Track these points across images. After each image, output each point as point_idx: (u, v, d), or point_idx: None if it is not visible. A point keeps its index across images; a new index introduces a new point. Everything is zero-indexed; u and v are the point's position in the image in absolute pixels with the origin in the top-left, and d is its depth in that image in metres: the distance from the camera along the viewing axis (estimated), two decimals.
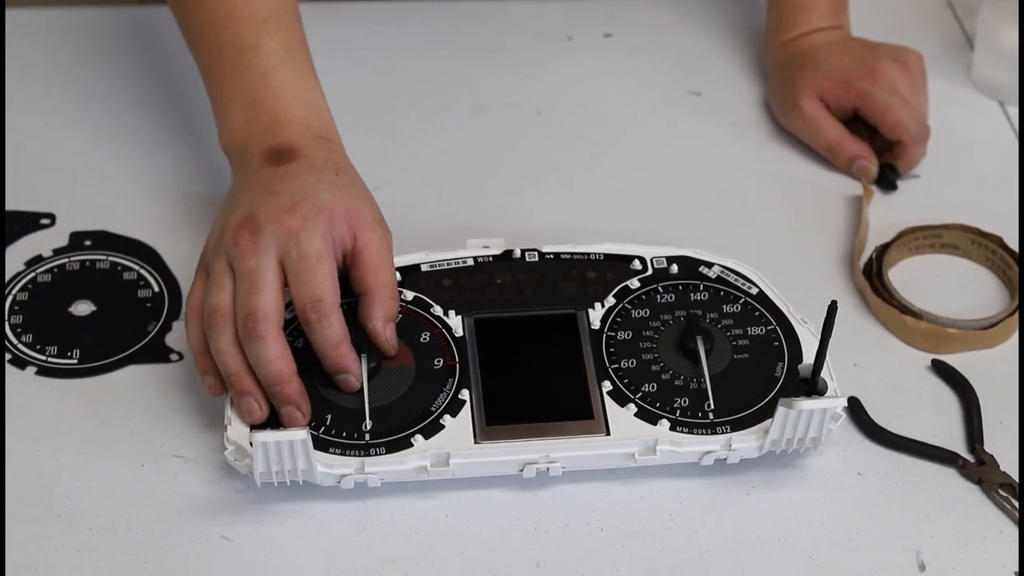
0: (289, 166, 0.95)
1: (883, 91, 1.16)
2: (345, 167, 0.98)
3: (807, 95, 1.18)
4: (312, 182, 0.94)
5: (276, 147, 0.97)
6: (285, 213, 0.91)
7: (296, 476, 0.90)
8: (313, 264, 0.90)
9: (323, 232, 0.92)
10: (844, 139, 1.17)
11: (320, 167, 0.96)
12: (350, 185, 0.96)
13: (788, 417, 0.90)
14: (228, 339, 0.90)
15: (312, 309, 0.90)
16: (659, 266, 1.01)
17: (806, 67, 1.19)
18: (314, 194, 0.93)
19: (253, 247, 0.91)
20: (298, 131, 0.98)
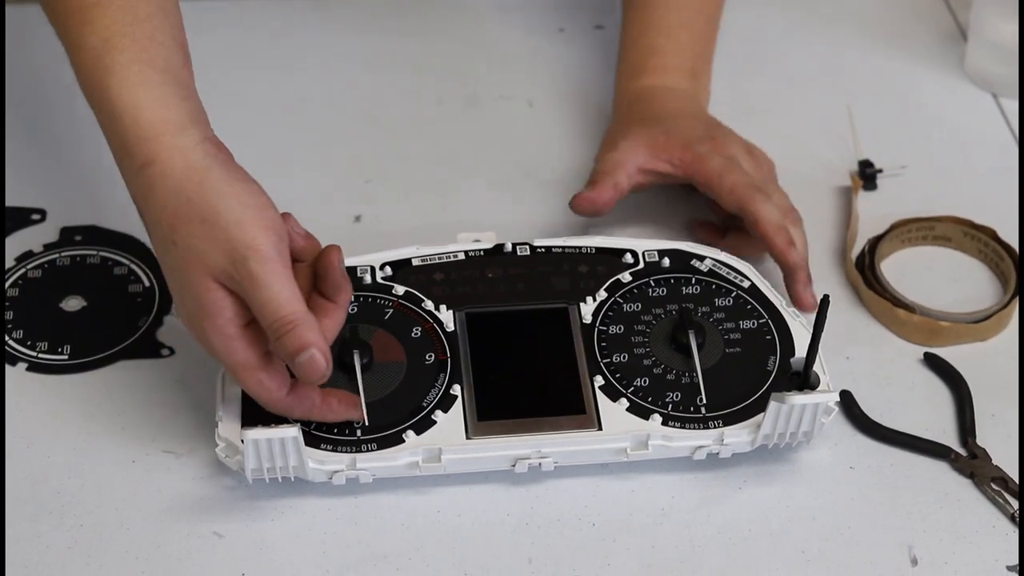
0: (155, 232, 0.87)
1: (721, 157, 1.04)
2: (178, 213, 0.85)
3: (635, 141, 1.06)
4: (169, 275, 0.87)
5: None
6: (198, 336, 0.87)
7: (288, 472, 0.89)
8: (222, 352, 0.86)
9: (217, 335, 0.85)
10: (608, 174, 1.05)
11: (159, 244, 0.87)
12: (188, 246, 0.85)
13: (780, 412, 0.90)
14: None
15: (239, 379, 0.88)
16: (651, 259, 1.01)
17: (647, 120, 1.08)
18: (180, 297, 0.87)
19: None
20: (125, 173, 0.88)
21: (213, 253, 0.84)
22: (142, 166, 0.86)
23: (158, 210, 0.86)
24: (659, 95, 1.11)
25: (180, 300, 0.87)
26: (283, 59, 1.28)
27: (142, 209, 0.88)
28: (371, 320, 0.96)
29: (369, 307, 0.97)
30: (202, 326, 0.86)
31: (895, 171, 1.17)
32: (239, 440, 0.89)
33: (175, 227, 0.85)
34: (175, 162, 0.85)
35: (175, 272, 0.86)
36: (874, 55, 1.31)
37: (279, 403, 0.88)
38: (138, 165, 0.86)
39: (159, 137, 0.86)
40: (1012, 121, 1.24)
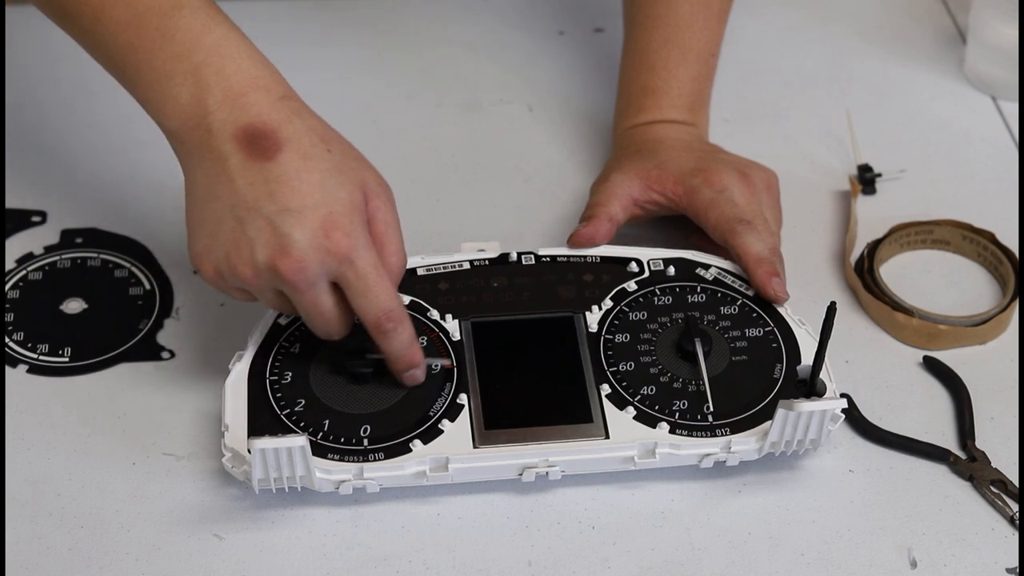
0: (279, 159, 0.87)
1: (711, 190, 1.03)
2: (326, 133, 0.90)
3: (628, 174, 1.06)
4: (318, 178, 0.87)
5: (248, 129, 0.87)
6: (322, 235, 0.86)
7: (295, 483, 0.89)
8: (374, 280, 0.88)
9: (366, 239, 0.88)
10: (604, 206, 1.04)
11: (310, 149, 0.88)
12: (345, 156, 0.90)
13: (788, 419, 0.90)
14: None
15: (387, 320, 0.89)
16: (656, 268, 1.01)
17: (641, 153, 1.08)
18: (331, 195, 0.87)
19: (304, 283, 0.87)
20: (262, 99, 0.88)
21: (360, 170, 0.90)
22: (282, 97, 0.89)
23: (309, 127, 0.89)
24: (655, 128, 1.11)
25: (324, 202, 0.87)
26: (282, 62, 1.26)
27: (282, 130, 0.88)
28: None
29: None
30: (351, 223, 0.87)
31: (894, 175, 1.17)
32: (246, 450, 0.89)
33: (329, 140, 0.90)
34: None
35: (329, 175, 0.88)
36: (873, 59, 1.31)
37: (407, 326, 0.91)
38: (277, 96, 0.89)
39: (282, 81, 0.91)
40: (1012, 124, 1.24)
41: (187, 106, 0.88)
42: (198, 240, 0.89)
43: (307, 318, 0.90)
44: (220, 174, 0.88)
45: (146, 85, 0.90)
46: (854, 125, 1.20)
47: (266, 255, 0.86)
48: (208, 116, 0.88)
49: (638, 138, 1.11)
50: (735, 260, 1.01)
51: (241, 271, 0.87)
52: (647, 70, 1.12)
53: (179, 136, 0.90)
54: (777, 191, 1.07)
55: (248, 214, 0.87)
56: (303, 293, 0.88)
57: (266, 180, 0.87)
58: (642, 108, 1.12)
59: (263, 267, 0.87)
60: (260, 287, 0.89)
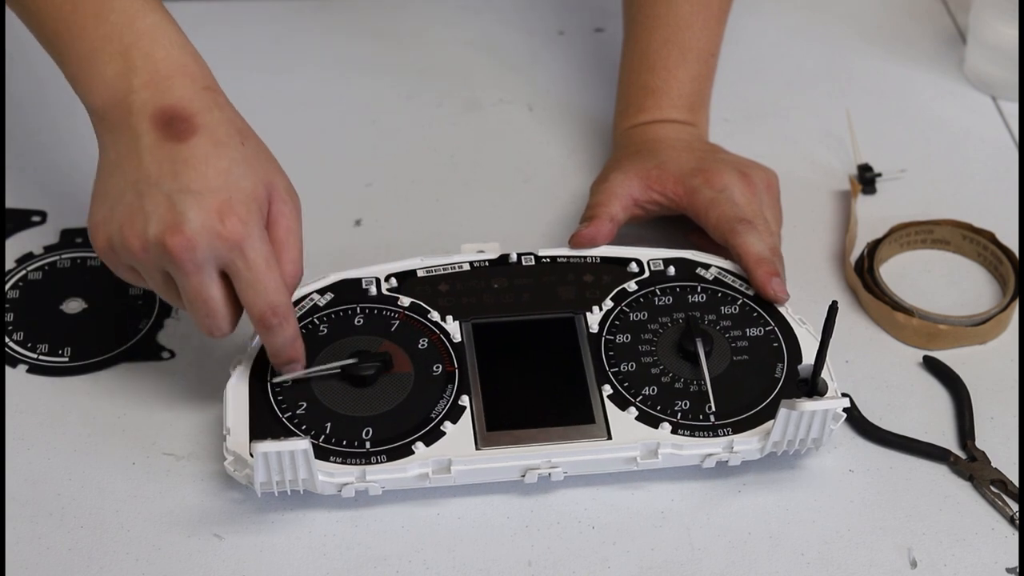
0: (191, 142, 0.87)
1: (711, 190, 1.03)
2: (243, 128, 0.91)
3: (628, 174, 1.06)
4: (225, 166, 0.87)
5: (167, 111, 0.88)
6: (216, 219, 0.86)
7: (297, 486, 0.89)
8: (263, 272, 0.88)
9: (261, 232, 0.88)
10: (605, 206, 1.04)
11: (223, 138, 0.88)
12: (257, 153, 0.90)
13: (790, 418, 0.90)
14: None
15: (272, 315, 0.89)
16: (656, 268, 1.01)
17: (641, 153, 1.08)
18: (235, 183, 0.87)
19: (192, 264, 0.86)
20: (186, 86, 0.89)
21: (270, 171, 0.90)
22: (206, 88, 0.90)
23: (227, 118, 0.89)
24: (655, 127, 1.11)
25: (226, 188, 0.87)
26: (283, 62, 1.28)
27: (200, 117, 0.88)
28: (378, 332, 0.96)
29: (375, 319, 0.97)
30: (248, 212, 0.87)
31: (894, 175, 1.17)
32: (248, 453, 0.89)
33: (245, 135, 0.90)
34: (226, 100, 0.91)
35: (236, 164, 0.88)
36: (873, 58, 1.31)
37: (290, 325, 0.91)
38: (201, 86, 0.89)
39: (208, 73, 0.91)
40: (1012, 124, 1.24)
41: (111, 84, 0.89)
42: (97, 211, 0.90)
43: (191, 307, 0.89)
44: (131, 150, 0.88)
45: (75, 62, 0.91)
46: (854, 125, 1.20)
47: (158, 230, 0.86)
48: (130, 95, 0.89)
49: (638, 138, 1.11)
50: (735, 260, 1.01)
51: (131, 243, 0.87)
52: (647, 70, 1.12)
53: (100, 113, 0.90)
54: (777, 191, 1.07)
55: (149, 189, 0.87)
56: (189, 275, 0.87)
57: (173, 160, 0.87)
58: (642, 108, 1.12)
59: (152, 241, 0.86)
60: (147, 264, 0.88)
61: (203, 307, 0.89)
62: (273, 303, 0.89)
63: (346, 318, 0.96)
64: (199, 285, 0.87)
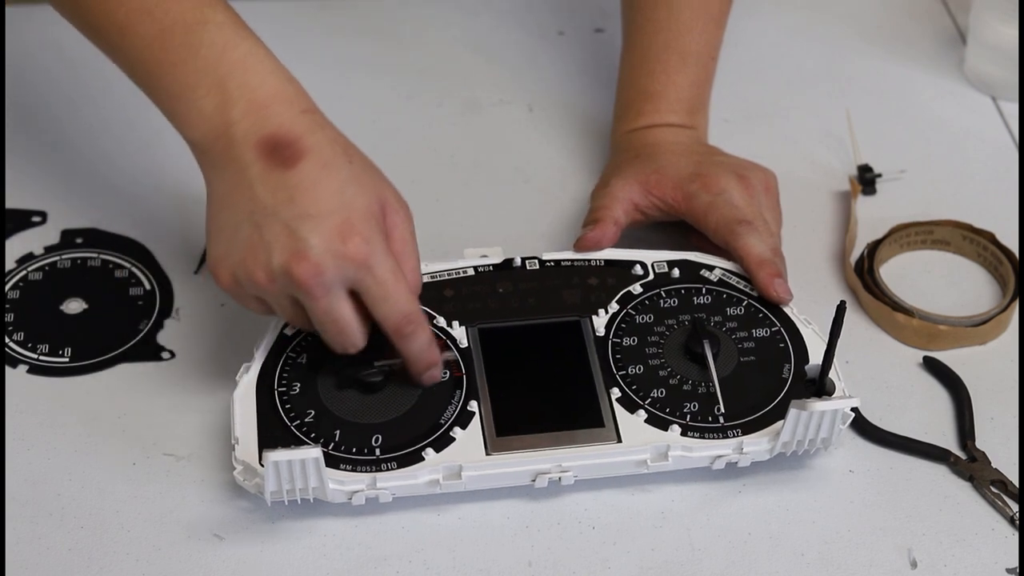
0: (300, 167, 0.87)
1: (709, 194, 1.03)
2: (348, 146, 0.91)
3: (628, 179, 1.06)
4: (337, 187, 0.87)
5: (271, 138, 0.88)
6: (339, 241, 0.86)
7: (307, 494, 0.89)
8: (393, 285, 0.88)
9: (384, 246, 0.88)
10: (608, 209, 1.05)
11: (330, 158, 0.88)
12: (365, 169, 0.91)
13: (800, 419, 0.90)
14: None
15: (407, 323, 0.89)
16: (660, 271, 1.01)
17: (640, 157, 1.08)
18: (350, 202, 0.87)
19: (320, 288, 0.86)
20: (284, 111, 0.89)
21: (380, 184, 0.91)
22: (305, 111, 0.90)
23: (331, 138, 0.89)
24: (653, 131, 1.11)
25: (343, 208, 0.87)
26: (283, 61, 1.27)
27: (304, 140, 0.88)
28: (384, 339, 0.96)
29: None
30: (369, 230, 0.87)
31: (894, 175, 1.17)
32: (257, 463, 0.89)
33: (350, 153, 0.90)
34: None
35: (348, 183, 0.88)
36: (873, 59, 1.31)
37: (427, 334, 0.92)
38: (300, 109, 0.89)
39: (305, 96, 0.91)
40: (1012, 124, 1.24)
41: (211, 117, 0.89)
42: (215, 247, 0.89)
43: (322, 328, 0.89)
44: (240, 182, 0.88)
45: (171, 98, 0.90)
46: (854, 125, 1.20)
47: (282, 259, 0.86)
48: (231, 127, 0.88)
49: (637, 142, 1.10)
50: (737, 262, 1.01)
51: (256, 276, 0.87)
52: (647, 74, 1.12)
53: (202, 147, 0.90)
54: (776, 192, 1.07)
55: (266, 220, 0.86)
56: (318, 299, 0.87)
57: (286, 187, 0.87)
58: (641, 112, 1.12)
59: (278, 271, 0.86)
60: (275, 293, 0.88)
61: (334, 327, 0.89)
62: (406, 312, 0.89)
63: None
64: (328, 307, 0.87)
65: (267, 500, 0.88)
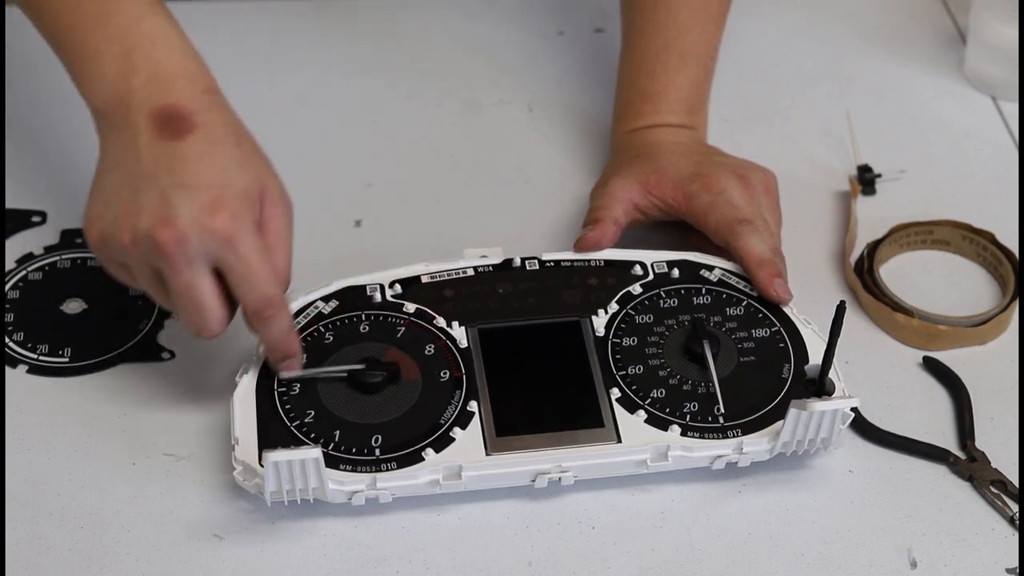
0: (188, 140, 0.88)
1: (709, 194, 1.03)
2: (240, 130, 0.91)
3: (628, 179, 1.06)
4: (220, 164, 0.88)
5: (165, 110, 0.88)
6: (208, 214, 0.86)
7: (307, 495, 0.89)
8: (256, 266, 0.88)
9: (252, 227, 0.88)
10: (608, 209, 1.04)
11: (220, 137, 0.89)
12: (253, 154, 0.91)
13: (800, 419, 0.90)
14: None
15: (267, 306, 0.89)
16: (660, 271, 1.01)
17: (640, 157, 1.08)
18: (229, 180, 0.88)
19: (182, 257, 0.86)
20: (185, 88, 0.90)
21: (264, 173, 0.90)
22: (206, 90, 0.91)
23: (225, 120, 0.90)
24: (653, 132, 1.11)
25: (220, 184, 0.87)
26: (282, 61, 1.28)
27: (197, 116, 0.89)
28: (384, 339, 0.96)
29: (381, 325, 0.97)
30: (239, 208, 0.87)
31: (894, 175, 1.17)
32: (258, 463, 0.89)
33: (241, 137, 0.91)
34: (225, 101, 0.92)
35: (231, 163, 0.88)
36: (873, 59, 1.31)
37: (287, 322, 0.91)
38: (201, 88, 0.91)
39: (209, 77, 0.92)
40: (1012, 124, 1.24)
41: (112, 83, 0.90)
42: (92, 207, 0.90)
43: (180, 305, 0.89)
44: (128, 147, 0.89)
45: (78, 62, 0.92)
46: (854, 125, 1.20)
47: (149, 223, 0.86)
48: (130, 94, 0.90)
49: (637, 142, 1.10)
50: (737, 262, 1.01)
51: (122, 237, 0.87)
52: (646, 75, 1.12)
53: (101, 111, 0.91)
54: (776, 192, 1.07)
55: (143, 183, 0.87)
56: (179, 271, 0.86)
57: (169, 157, 0.88)
58: (640, 113, 1.12)
59: (143, 235, 0.86)
60: (138, 259, 0.88)
61: (191, 303, 0.88)
62: (267, 294, 0.89)
63: (351, 325, 0.96)
64: (189, 280, 0.87)
65: (267, 500, 0.88)
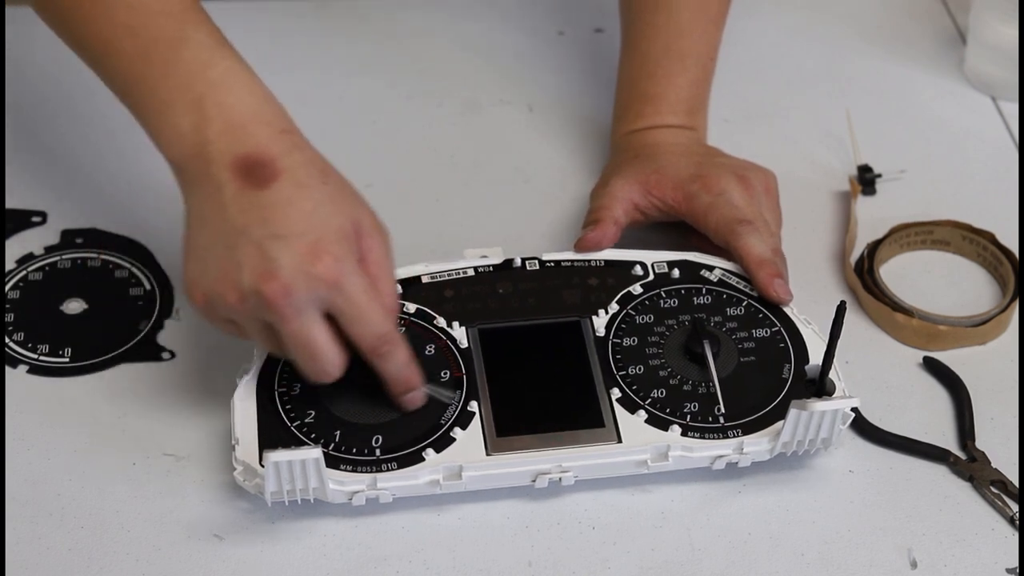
0: (274, 187, 0.86)
1: (709, 195, 1.03)
2: (324, 167, 0.89)
3: (628, 179, 1.05)
4: (310, 207, 0.86)
5: (246, 158, 0.87)
6: (309, 261, 0.84)
7: (308, 495, 0.89)
8: (366, 305, 0.86)
9: (356, 266, 0.86)
10: (608, 209, 1.04)
11: (305, 179, 0.87)
12: (341, 190, 0.89)
13: (800, 419, 0.90)
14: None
15: (383, 343, 0.88)
16: (660, 271, 1.01)
17: (640, 158, 1.07)
18: (323, 222, 0.86)
19: (290, 308, 0.84)
20: (261, 131, 0.88)
21: (356, 207, 0.89)
22: (283, 131, 0.89)
23: (307, 159, 0.88)
24: (653, 132, 1.11)
25: (315, 228, 0.86)
26: (282, 61, 1.28)
27: (280, 160, 0.87)
28: None
29: None
30: (340, 250, 0.86)
31: (894, 175, 1.17)
32: (258, 463, 0.89)
33: (327, 174, 0.89)
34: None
35: (322, 204, 0.87)
36: (873, 59, 1.31)
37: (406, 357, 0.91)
38: (278, 130, 0.89)
39: (284, 116, 0.91)
40: (1012, 124, 1.24)
41: (187, 136, 0.88)
42: (190, 268, 0.89)
43: (295, 354, 0.88)
44: (214, 202, 0.87)
45: (151, 115, 0.90)
46: (854, 125, 1.20)
47: (252, 279, 0.84)
48: (207, 146, 0.87)
49: (637, 143, 1.10)
50: (737, 262, 1.01)
51: (228, 297, 0.86)
52: (646, 77, 1.12)
53: (180, 165, 0.89)
54: (776, 192, 1.07)
55: (237, 240, 0.85)
56: (289, 321, 0.85)
57: (259, 207, 0.86)
58: (641, 114, 1.12)
59: (248, 291, 0.85)
60: (246, 315, 0.87)
61: (306, 351, 0.87)
62: (381, 332, 0.88)
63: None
64: (300, 329, 0.86)
65: (267, 500, 0.88)
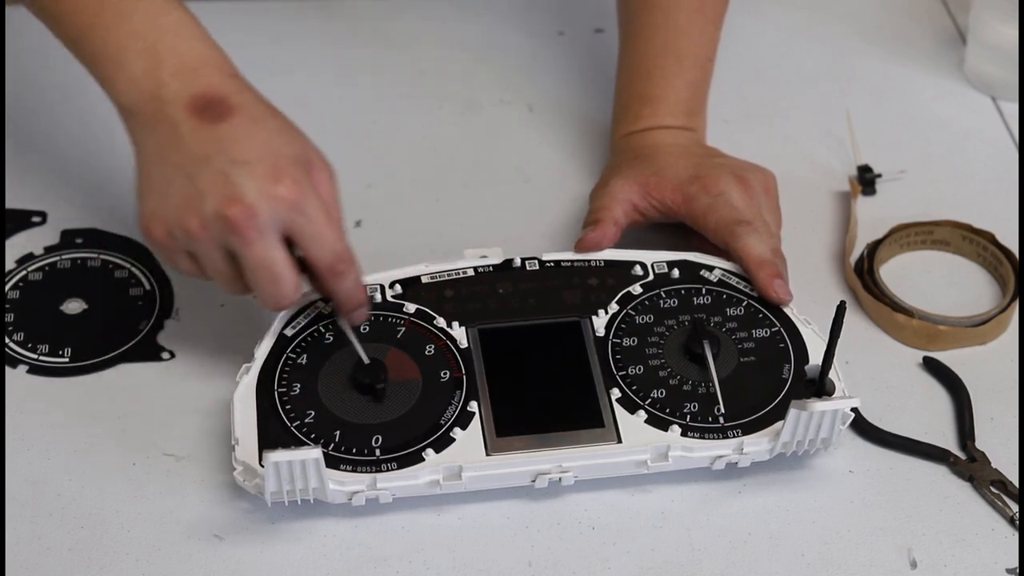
0: (231, 122, 0.90)
1: (708, 196, 1.03)
2: (272, 107, 0.93)
3: (628, 180, 1.06)
4: (266, 137, 0.90)
5: (201, 97, 0.90)
6: (271, 183, 0.87)
7: (308, 495, 0.89)
8: (325, 224, 0.89)
9: (313, 188, 0.89)
10: (608, 210, 1.04)
11: (259, 115, 0.91)
12: (290, 126, 0.93)
13: (800, 419, 0.90)
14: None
15: (340, 261, 0.91)
16: (660, 271, 1.01)
17: (640, 159, 1.08)
18: (280, 150, 0.89)
19: (255, 230, 0.87)
20: (213, 74, 0.91)
21: (305, 141, 0.92)
22: (233, 75, 0.92)
23: (257, 98, 0.92)
24: (652, 134, 1.11)
25: (273, 154, 0.89)
26: (283, 62, 1.28)
27: (233, 98, 0.91)
28: (384, 339, 0.96)
29: (381, 326, 0.97)
30: (299, 173, 0.89)
31: (894, 175, 1.17)
32: (258, 463, 0.89)
33: (275, 111, 0.92)
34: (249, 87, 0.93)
35: (276, 134, 0.90)
36: (873, 59, 1.31)
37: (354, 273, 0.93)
38: (228, 74, 0.92)
39: (231, 64, 0.94)
40: (1011, 124, 1.24)
41: (140, 80, 0.91)
42: (147, 204, 0.91)
43: (255, 278, 0.89)
44: (171, 139, 0.90)
45: (102, 61, 0.93)
46: (854, 125, 1.20)
47: (215, 204, 0.87)
48: (161, 88, 0.90)
49: (636, 144, 1.10)
50: (737, 263, 1.01)
51: (190, 225, 0.88)
52: (644, 78, 1.12)
53: (131, 109, 0.92)
54: (775, 193, 1.07)
55: (198, 169, 0.88)
56: (252, 243, 0.87)
57: (217, 140, 0.89)
58: (639, 116, 1.12)
59: (212, 217, 0.87)
60: (208, 243, 0.88)
61: (268, 274, 0.89)
62: (339, 251, 0.91)
63: None
64: (263, 250, 0.88)
65: (267, 501, 0.88)
